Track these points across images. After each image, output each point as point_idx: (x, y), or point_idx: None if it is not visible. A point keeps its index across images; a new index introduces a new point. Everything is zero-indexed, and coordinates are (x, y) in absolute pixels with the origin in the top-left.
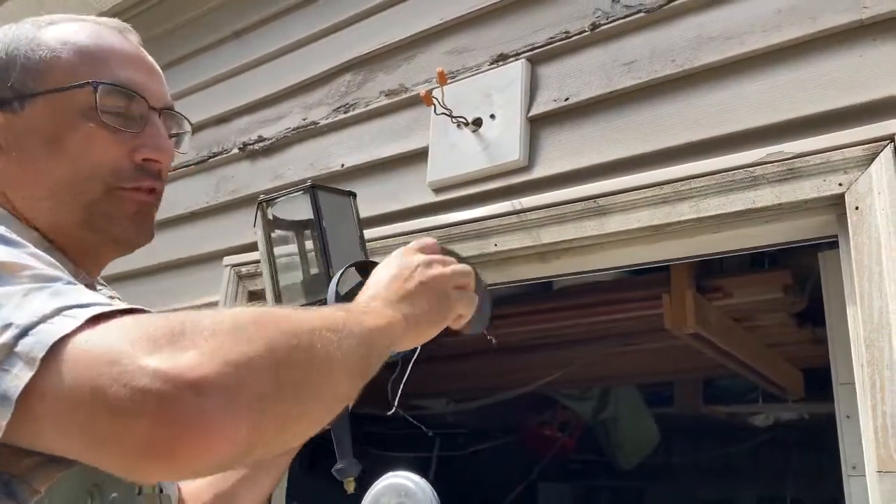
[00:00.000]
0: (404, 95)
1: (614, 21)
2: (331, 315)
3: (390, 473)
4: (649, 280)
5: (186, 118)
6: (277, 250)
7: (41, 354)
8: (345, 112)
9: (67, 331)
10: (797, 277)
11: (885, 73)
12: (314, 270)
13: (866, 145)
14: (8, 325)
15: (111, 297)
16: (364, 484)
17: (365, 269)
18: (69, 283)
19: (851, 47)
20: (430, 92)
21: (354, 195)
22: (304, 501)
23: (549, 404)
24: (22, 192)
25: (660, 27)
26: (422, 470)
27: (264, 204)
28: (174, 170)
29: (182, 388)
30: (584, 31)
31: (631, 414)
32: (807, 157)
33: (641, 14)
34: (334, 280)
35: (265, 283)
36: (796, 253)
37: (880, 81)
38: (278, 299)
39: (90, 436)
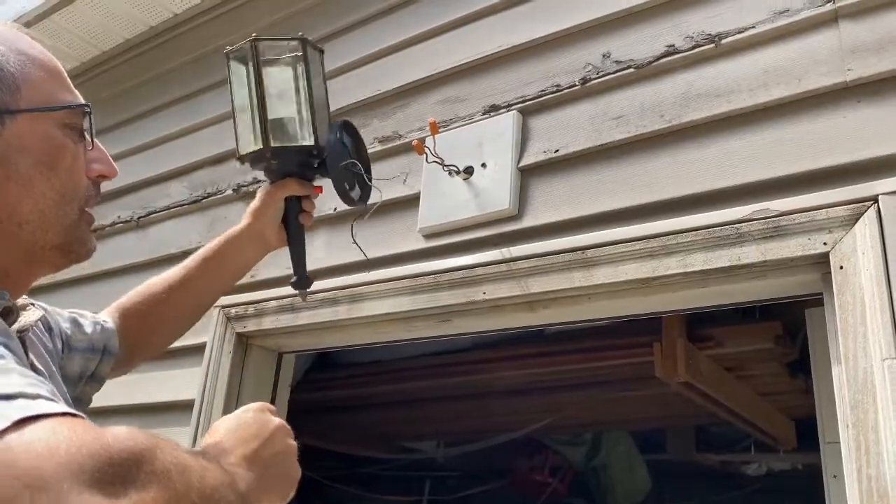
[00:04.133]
0: (398, 142)
1: (604, 76)
2: (222, 476)
3: None
4: (641, 327)
5: None
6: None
7: None
8: None
9: None
10: (788, 328)
11: (868, 134)
12: (286, 114)
13: (851, 205)
14: None
15: (42, 317)
16: None
17: (343, 126)
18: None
19: (836, 108)
20: (422, 141)
21: (322, 51)
22: None
23: (541, 449)
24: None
25: (649, 83)
26: None
27: (257, 44)
28: (168, 209)
29: None
30: (575, 85)
31: (623, 460)
32: (792, 216)
33: (631, 70)
34: (330, 129)
35: (247, 120)
36: (787, 304)
37: (864, 142)
38: (265, 133)
39: None
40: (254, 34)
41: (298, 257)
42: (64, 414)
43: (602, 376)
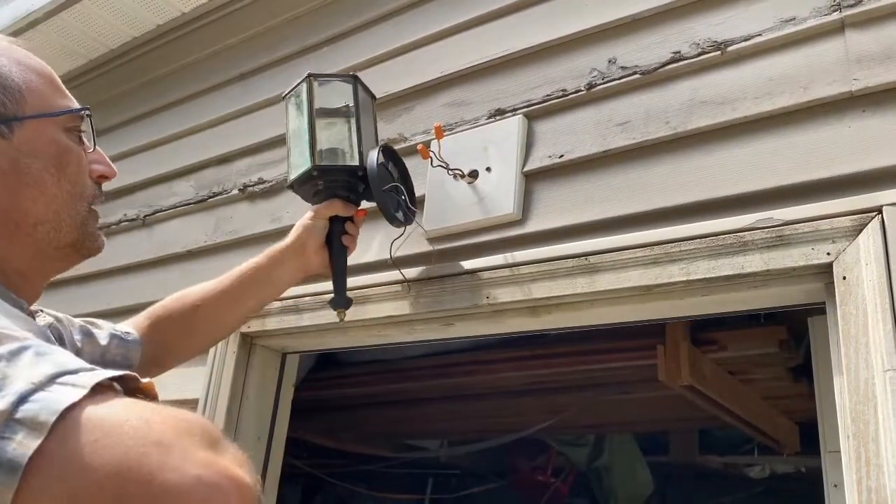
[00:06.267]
0: (403, 144)
1: (610, 81)
2: None
3: None
4: (644, 330)
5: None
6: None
7: (51, 419)
8: None
9: (74, 399)
10: (793, 332)
11: (873, 144)
12: (335, 143)
13: (854, 216)
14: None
15: (51, 324)
16: None
17: (385, 150)
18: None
19: (841, 118)
20: (426, 145)
21: (375, 97)
22: None
23: (544, 449)
24: (15, 218)
25: (654, 89)
26: None
27: (312, 79)
28: (174, 208)
29: (231, 483)
30: (581, 90)
31: (625, 461)
32: (795, 225)
33: (637, 76)
34: (374, 153)
35: (298, 147)
36: (792, 308)
37: (869, 152)
38: (313, 154)
39: None
40: (308, 72)
41: (339, 277)
42: (123, 378)
43: (605, 378)
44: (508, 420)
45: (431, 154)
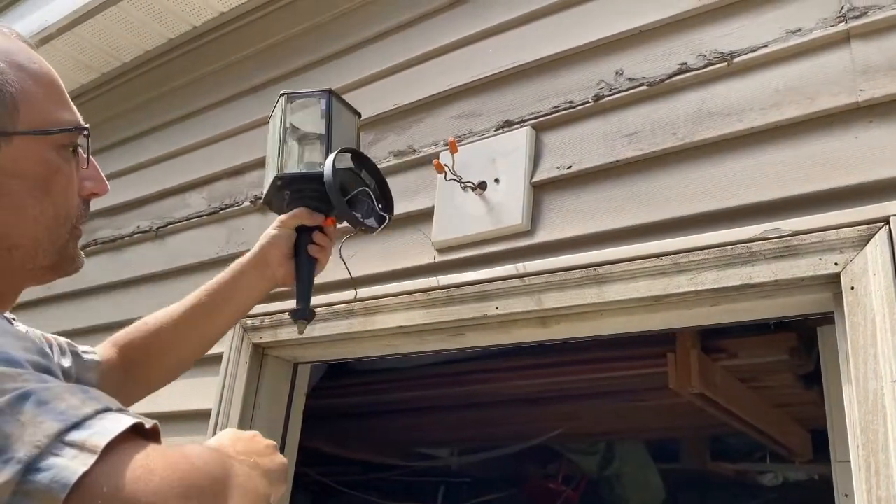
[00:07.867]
0: (413, 156)
1: (617, 93)
2: (258, 479)
3: None
4: (655, 338)
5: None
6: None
7: (62, 496)
8: None
9: (86, 468)
10: (804, 340)
11: (880, 154)
12: (310, 160)
13: (862, 226)
14: (3, 457)
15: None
16: None
17: (357, 157)
18: (35, 373)
19: (848, 128)
20: (440, 159)
21: (359, 114)
22: None
23: (555, 457)
24: None
25: (662, 100)
26: None
27: (286, 98)
28: (186, 219)
29: None
30: (588, 102)
31: (637, 469)
32: (803, 236)
33: (644, 87)
34: (332, 156)
35: (270, 161)
36: None
37: (876, 163)
38: (280, 163)
39: None
40: (282, 91)
41: (303, 285)
42: (134, 426)
43: (616, 386)
44: (520, 428)
45: (445, 168)
